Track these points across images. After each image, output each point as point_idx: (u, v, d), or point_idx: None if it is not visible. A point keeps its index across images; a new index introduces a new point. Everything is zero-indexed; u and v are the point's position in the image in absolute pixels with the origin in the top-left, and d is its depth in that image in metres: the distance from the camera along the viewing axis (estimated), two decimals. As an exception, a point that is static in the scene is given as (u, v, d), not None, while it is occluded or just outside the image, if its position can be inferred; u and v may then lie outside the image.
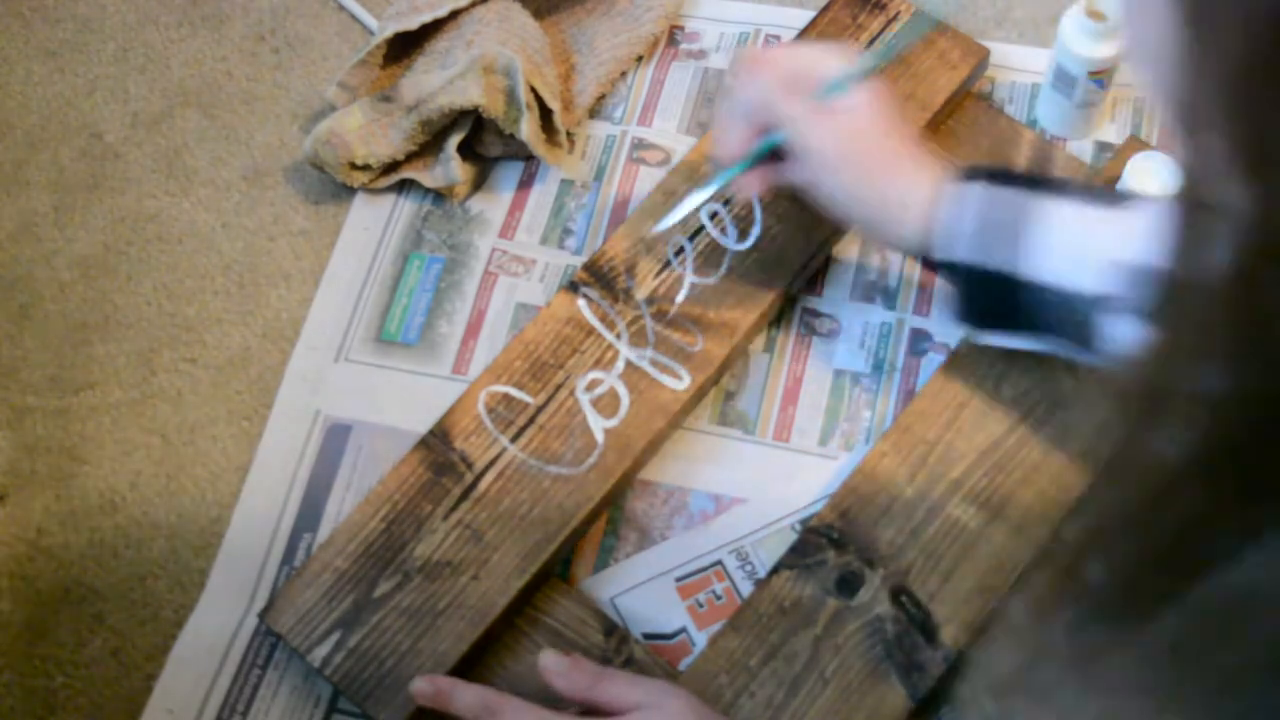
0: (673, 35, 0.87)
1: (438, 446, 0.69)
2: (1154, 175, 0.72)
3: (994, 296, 0.65)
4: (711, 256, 0.74)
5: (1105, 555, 0.30)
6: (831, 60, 0.69)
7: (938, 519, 0.67)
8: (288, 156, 0.84)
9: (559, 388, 0.71)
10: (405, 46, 0.84)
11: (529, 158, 0.82)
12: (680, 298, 0.73)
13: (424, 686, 0.62)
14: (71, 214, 0.83)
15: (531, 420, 0.70)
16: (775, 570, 0.66)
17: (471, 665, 0.65)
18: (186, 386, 0.76)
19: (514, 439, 0.69)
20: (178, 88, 0.87)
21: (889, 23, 0.81)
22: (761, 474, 0.71)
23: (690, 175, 0.77)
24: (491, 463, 0.69)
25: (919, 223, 0.66)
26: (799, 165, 0.68)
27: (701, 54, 0.86)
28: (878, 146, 0.67)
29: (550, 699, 0.62)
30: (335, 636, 0.65)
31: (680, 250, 0.75)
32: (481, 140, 0.81)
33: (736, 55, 0.70)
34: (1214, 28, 0.25)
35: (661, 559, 0.69)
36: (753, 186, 0.71)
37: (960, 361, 0.71)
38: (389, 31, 0.82)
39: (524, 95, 0.77)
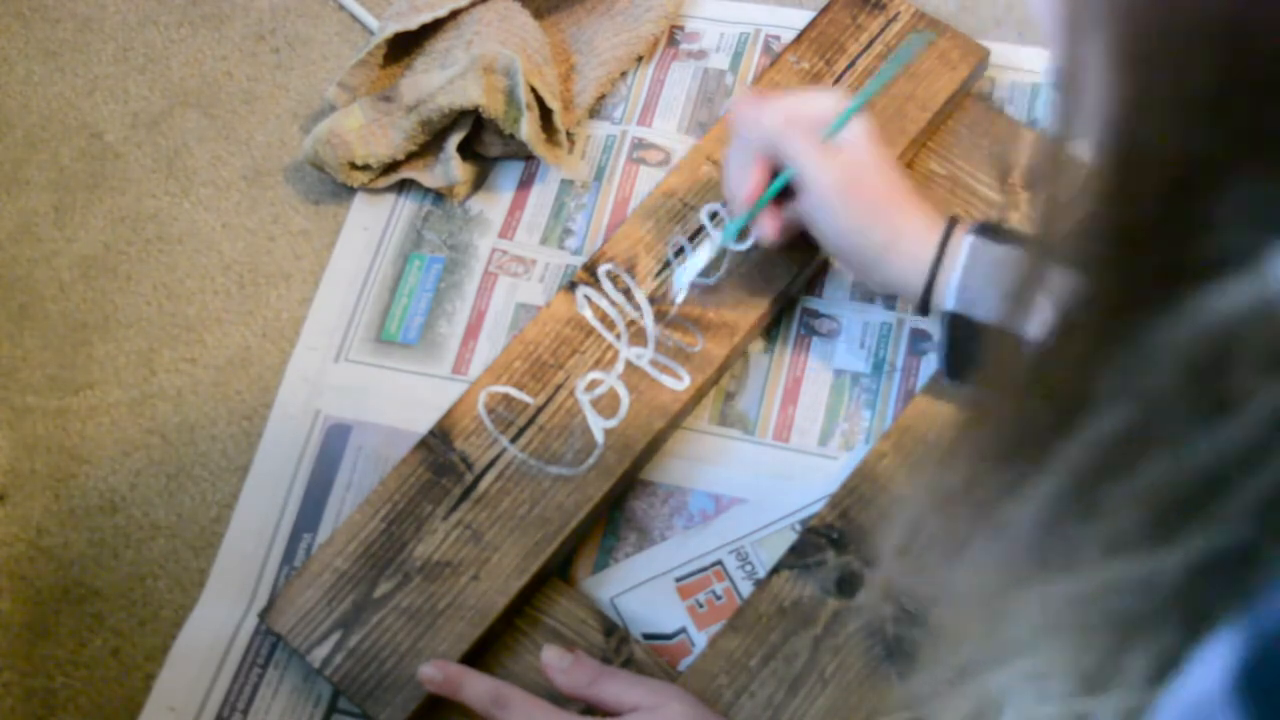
0: (673, 35, 0.87)
1: (438, 446, 0.69)
2: None
3: None
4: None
5: (998, 405, 0.32)
6: (825, 100, 0.69)
7: (938, 519, 0.67)
8: (288, 156, 0.84)
9: (559, 388, 0.71)
10: (405, 46, 0.84)
11: (529, 158, 0.82)
12: (680, 298, 0.73)
13: (433, 673, 0.62)
14: (71, 214, 0.83)
15: (531, 420, 0.70)
16: (775, 570, 0.66)
17: (471, 665, 0.65)
18: (186, 386, 0.76)
19: (514, 439, 0.69)
20: (178, 88, 0.87)
21: (888, 23, 0.81)
22: (761, 474, 0.71)
23: (690, 175, 0.77)
24: (491, 463, 0.69)
25: (918, 267, 0.66)
26: (806, 200, 0.68)
27: (701, 54, 0.86)
28: (882, 183, 0.68)
29: (552, 697, 0.62)
30: (335, 637, 0.65)
31: (680, 250, 0.75)
32: (481, 140, 0.81)
33: (735, 97, 0.70)
34: None
35: (661, 559, 0.69)
36: (771, 229, 0.70)
37: (960, 361, 0.71)
38: (389, 31, 0.82)
39: (524, 95, 0.77)
